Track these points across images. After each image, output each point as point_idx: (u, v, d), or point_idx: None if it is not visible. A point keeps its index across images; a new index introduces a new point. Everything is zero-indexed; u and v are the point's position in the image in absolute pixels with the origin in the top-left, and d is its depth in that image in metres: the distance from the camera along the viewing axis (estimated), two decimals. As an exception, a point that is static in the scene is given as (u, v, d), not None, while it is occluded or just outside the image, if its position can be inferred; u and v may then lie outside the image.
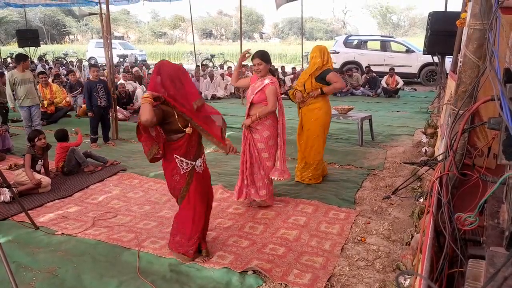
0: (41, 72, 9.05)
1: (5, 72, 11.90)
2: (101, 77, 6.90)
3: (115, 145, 6.62)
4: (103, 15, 6.68)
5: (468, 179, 2.17)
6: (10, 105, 6.33)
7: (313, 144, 4.58)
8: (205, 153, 6.24)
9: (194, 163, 2.95)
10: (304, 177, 4.70)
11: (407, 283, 2.46)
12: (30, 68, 6.53)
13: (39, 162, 4.77)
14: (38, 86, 6.60)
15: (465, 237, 1.90)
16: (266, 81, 3.82)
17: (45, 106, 7.85)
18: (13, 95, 6.31)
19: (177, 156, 2.88)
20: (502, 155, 1.20)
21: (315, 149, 4.59)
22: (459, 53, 3.45)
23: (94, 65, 6.95)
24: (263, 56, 3.81)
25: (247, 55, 3.89)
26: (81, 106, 8.62)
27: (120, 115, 8.07)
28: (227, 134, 3.33)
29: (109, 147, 6.54)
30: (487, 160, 2.76)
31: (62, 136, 5.36)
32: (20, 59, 6.32)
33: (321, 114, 4.53)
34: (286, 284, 2.78)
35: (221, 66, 17.67)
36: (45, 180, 4.56)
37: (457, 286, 1.73)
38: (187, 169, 2.92)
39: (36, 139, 4.67)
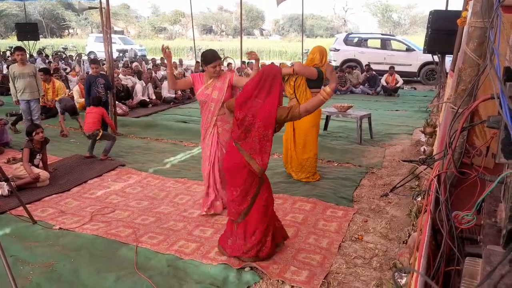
0: (41, 69, 9.02)
1: (4, 65, 11.88)
2: (102, 72, 6.88)
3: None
4: (103, 9, 6.65)
5: (466, 177, 2.17)
6: (13, 98, 6.35)
7: (303, 143, 4.58)
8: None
9: None
10: (301, 177, 4.69)
11: (403, 281, 2.46)
12: (29, 62, 6.47)
13: (38, 156, 4.76)
14: (40, 81, 6.49)
15: (462, 235, 1.90)
16: (227, 75, 3.72)
17: (45, 101, 7.76)
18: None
19: None
20: (500, 154, 1.19)
21: (307, 147, 4.60)
22: (459, 52, 3.44)
23: (94, 61, 6.89)
24: (219, 56, 3.75)
25: (167, 50, 3.63)
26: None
27: (119, 110, 8.05)
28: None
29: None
30: (485, 159, 2.76)
31: (99, 101, 5.93)
32: (14, 50, 6.34)
33: (310, 116, 4.50)
34: (283, 281, 2.79)
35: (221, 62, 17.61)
36: (44, 174, 4.55)
37: (453, 284, 1.73)
38: None
39: (34, 133, 4.66)
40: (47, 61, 15.69)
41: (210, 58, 3.62)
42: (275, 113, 2.78)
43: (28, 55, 17.33)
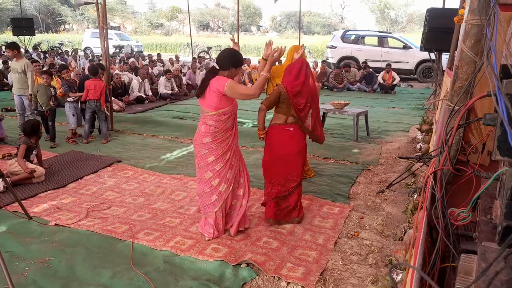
0: (34, 61, 8.92)
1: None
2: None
3: (110, 136, 6.58)
4: (99, 4, 6.60)
5: (462, 174, 2.18)
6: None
7: None
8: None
9: None
10: None
11: (399, 278, 2.48)
12: (21, 58, 6.38)
13: (34, 152, 4.74)
14: (31, 78, 6.31)
15: (457, 232, 1.91)
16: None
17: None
18: None
19: None
20: (496, 151, 1.20)
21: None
22: (456, 50, 3.45)
23: (102, 67, 6.80)
24: None
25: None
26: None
27: (115, 106, 8.01)
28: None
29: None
30: (481, 157, 2.78)
31: (97, 71, 6.21)
32: (5, 47, 6.38)
33: None
34: (279, 277, 2.79)
35: (218, 59, 17.55)
36: (39, 170, 4.53)
37: (448, 280, 1.74)
38: None
39: (41, 128, 4.78)
40: (42, 56, 15.57)
41: (242, 58, 3.20)
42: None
43: (23, 51, 17.25)
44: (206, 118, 3.08)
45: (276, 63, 3.49)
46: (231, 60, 3.09)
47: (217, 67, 3.12)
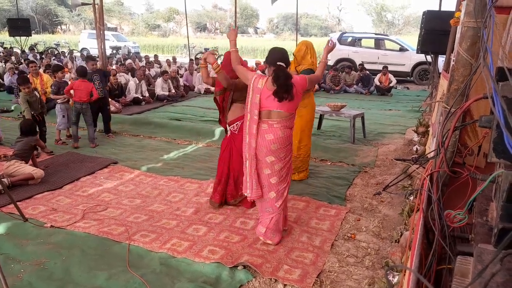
0: (31, 61, 8.89)
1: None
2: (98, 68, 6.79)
3: (114, 137, 6.54)
4: (96, 5, 6.59)
5: (458, 177, 2.18)
6: None
7: (300, 138, 4.57)
8: (197, 147, 6.22)
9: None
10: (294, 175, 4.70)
11: (395, 280, 2.48)
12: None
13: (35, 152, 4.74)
14: None
15: (454, 234, 1.91)
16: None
17: None
18: None
19: None
20: (492, 153, 1.20)
21: (304, 144, 4.61)
22: (452, 52, 3.46)
23: (91, 58, 6.79)
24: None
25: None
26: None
27: (112, 108, 7.98)
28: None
29: (107, 139, 6.45)
30: (477, 159, 2.79)
31: (85, 73, 6.08)
32: None
33: (306, 112, 4.51)
34: (276, 280, 2.79)
35: (215, 61, 17.56)
36: (39, 172, 4.50)
37: (445, 282, 1.75)
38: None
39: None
40: (38, 57, 15.52)
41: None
42: None
43: (19, 51, 17.19)
44: (284, 121, 3.02)
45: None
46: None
47: (283, 64, 3.02)
